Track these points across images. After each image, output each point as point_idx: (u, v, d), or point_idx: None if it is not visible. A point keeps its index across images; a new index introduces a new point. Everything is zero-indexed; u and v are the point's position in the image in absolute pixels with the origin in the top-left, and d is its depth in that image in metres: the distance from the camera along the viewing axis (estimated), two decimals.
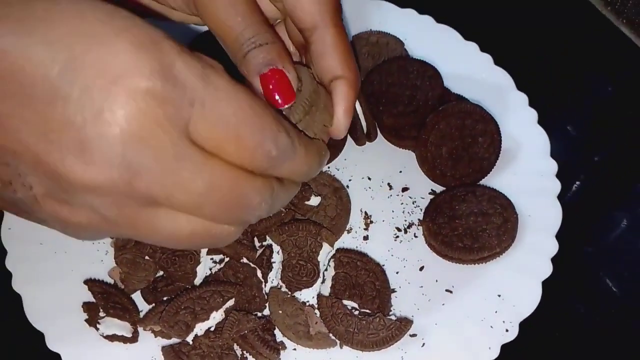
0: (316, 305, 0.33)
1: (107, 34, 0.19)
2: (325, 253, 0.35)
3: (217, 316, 0.33)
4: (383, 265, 0.35)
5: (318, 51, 0.27)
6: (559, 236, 0.35)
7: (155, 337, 0.32)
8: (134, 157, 0.19)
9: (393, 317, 0.33)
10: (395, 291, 0.34)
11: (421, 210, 0.38)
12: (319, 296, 0.33)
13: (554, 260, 0.34)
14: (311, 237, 0.35)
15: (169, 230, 0.22)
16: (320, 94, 0.27)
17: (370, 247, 0.36)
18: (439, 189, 0.38)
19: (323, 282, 0.34)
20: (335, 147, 0.38)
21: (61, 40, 0.19)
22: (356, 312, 0.33)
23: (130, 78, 0.19)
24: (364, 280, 0.34)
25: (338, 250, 0.35)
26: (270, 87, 0.26)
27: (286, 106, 0.26)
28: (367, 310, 0.33)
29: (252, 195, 0.22)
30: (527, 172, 0.38)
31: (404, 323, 0.32)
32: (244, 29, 0.26)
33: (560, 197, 0.37)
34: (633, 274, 0.37)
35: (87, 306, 0.32)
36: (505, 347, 0.31)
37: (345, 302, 0.33)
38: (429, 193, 0.38)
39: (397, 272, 0.35)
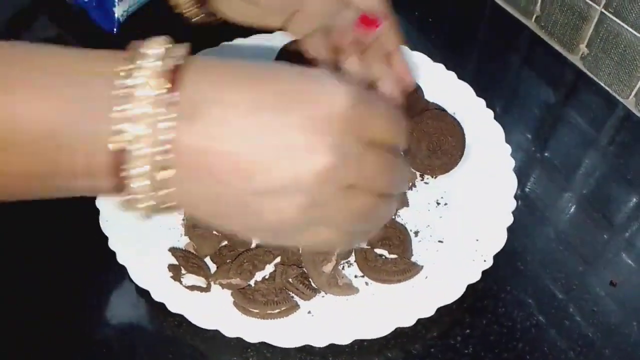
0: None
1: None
2: None
3: (269, 268, 0.43)
4: None
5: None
6: (516, 197, 0.47)
7: (222, 289, 0.42)
8: (344, 150, 0.26)
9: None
10: None
11: None
12: (355, 249, 0.44)
13: (514, 213, 0.46)
14: None
15: (353, 204, 0.28)
16: None
17: None
18: None
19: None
20: None
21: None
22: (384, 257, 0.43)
23: (338, 104, 0.26)
24: (391, 234, 0.44)
25: None
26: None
27: None
28: (394, 255, 0.43)
29: (404, 167, 0.31)
30: (491, 153, 0.50)
31: (416, 267, 0.43)
32: None
33: (516, 172, 0.49)
34: (571, 221, 0.49)
35: (171, 267, 0.42)
36: (484, 273, 0.42)
37: (376, 250, 0.44)
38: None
39: None
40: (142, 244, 0.43)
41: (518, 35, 0.65)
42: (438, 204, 0.48)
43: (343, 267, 0.44)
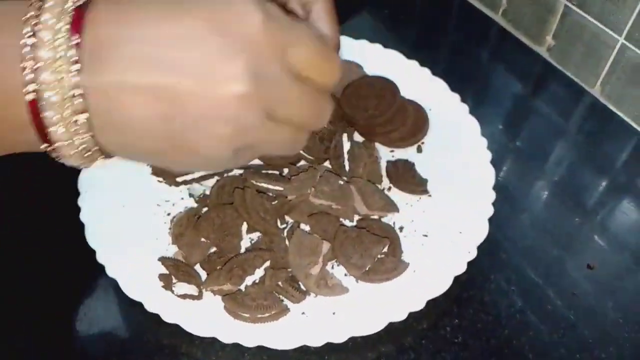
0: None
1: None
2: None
3: (259, 272, 0.44)
4: None
5: (317, 13, 0.37)
6: (494, 188, 0.49)
7: (214, 295, 0.42)
8: (260, 73, 0.25)
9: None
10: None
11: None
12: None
13: (494, 204, 0.47)
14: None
15: (276, 136, 0.28)
16: None
17: None
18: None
19: None
20: None
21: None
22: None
23: (249, 23, 0.25)
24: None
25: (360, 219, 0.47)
26: None
27: None
28: (382, 256, 0.44)
29: (326, 105, 0.30)
30: (467, 148, 0.51)
31: (403, 264, 0.44)
32: None
33: (492, 163, 0.51)
34: (547, 209, 0.51)
35: (162, 276, 0.42)
36: (468, 264, 0.44)
37: None
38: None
39: None
40: (130, 256, 0.43)
41: (486, 29, 0.67)
42: (420, 198, 0.49)
43: (333, 266, 0.44)
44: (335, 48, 0.37)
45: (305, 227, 0.46)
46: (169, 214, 0.47)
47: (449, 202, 0.48)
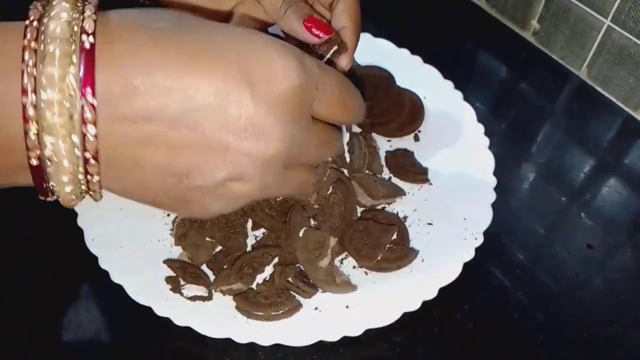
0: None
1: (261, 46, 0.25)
2: None
3: (269, 269, 0.43)
4: None
5: (339, 8, 0.36)
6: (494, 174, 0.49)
7: (224, 295, 0.41)
8: (292, 133, 0.26)
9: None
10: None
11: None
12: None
13: (495, 189, 0.48)
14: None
15: (290, 182, 0.29)
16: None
17: None
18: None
19: None
20: None
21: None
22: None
23: (288, 82, 0.25)
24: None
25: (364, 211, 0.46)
26: (313, 29, 0.34)
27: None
28: (391, 245, 0.44)
29: (337, 136, 0.31)
30: (464, 135, 0.52)
31: (413, 251, 0.44)
32: None
33: (489, 148, 0.51)
34: (545, 191, 0.52)
35: (169, 279, 0.41)
36: (477, 250, 0.44)
37: None
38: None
39: None
40: (133, 260, 0.42)
41: (471, 15, 0.67)
42: (421, 187, 0.49)
43: (342, 260, 0.44)
44: (353, 45, 0.37)
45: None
46: (168, 215, 0.46)
47: (451, 189, 0.48)
